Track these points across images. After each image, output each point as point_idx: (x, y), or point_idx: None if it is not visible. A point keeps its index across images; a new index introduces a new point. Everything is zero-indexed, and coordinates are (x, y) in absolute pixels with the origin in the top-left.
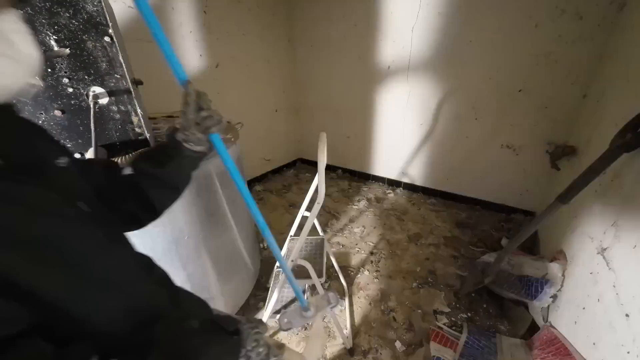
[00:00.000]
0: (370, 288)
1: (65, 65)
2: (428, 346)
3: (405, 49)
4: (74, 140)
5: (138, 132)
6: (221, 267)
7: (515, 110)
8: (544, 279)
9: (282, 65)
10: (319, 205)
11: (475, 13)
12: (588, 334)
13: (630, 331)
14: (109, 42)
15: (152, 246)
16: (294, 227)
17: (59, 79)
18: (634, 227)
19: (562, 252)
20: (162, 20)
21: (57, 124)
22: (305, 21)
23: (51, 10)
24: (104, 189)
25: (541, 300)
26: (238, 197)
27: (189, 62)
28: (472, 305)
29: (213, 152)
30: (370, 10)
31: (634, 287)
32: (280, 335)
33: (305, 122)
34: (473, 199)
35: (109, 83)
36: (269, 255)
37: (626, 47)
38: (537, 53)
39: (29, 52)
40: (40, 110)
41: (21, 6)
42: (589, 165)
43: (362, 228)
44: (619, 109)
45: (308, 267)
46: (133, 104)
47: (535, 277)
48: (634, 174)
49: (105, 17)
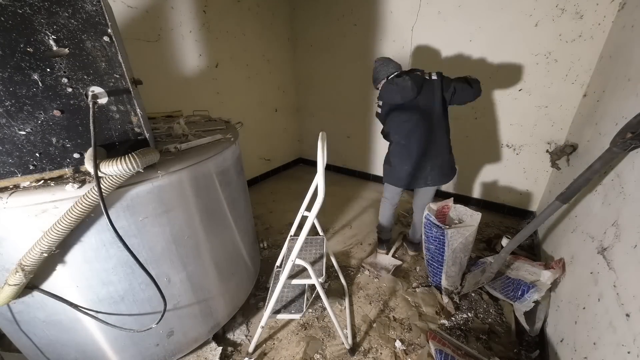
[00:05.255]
0: (370, 288)
1: (64, 65)
2: (428, 346)
3: (405, 48)
4: (73, 140)
5: (137, 132)
6: (221, 267)
7: (515, 110)
8: (532, 284)
9: (282, 64)
10: (319, 205)
11: (475, 12)
12: (588, 334)
13: (631, 331)
14: (108, 42)
15: (152, 246)
16: (294, 227)
17: (58, 79)
18: (635, 226)
19: (562, 260)
20: (161, 20)
21: (56, 123)
22: (305, 21)
23: (50, 9)
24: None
25: (522, 304)
26: (238, 197)
27: (189, 61)
28: (472, 305)
29: (213, 152)
30: (370, 10)
31: (634, 287)
32: (280, 335)
33: (305, 122)
34: (473, 198)
35: (108, 83)
36: (269, 255)
37: (626, 46)
38: (537, 52)
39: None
40: (39, 110)
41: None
42: (589, 164)
43: (362, 228)
44: (619, 109)
45: (308, 267)
46: (132, 103)
47: (525, 281)
48: (634, 173)
49: (105, 16)
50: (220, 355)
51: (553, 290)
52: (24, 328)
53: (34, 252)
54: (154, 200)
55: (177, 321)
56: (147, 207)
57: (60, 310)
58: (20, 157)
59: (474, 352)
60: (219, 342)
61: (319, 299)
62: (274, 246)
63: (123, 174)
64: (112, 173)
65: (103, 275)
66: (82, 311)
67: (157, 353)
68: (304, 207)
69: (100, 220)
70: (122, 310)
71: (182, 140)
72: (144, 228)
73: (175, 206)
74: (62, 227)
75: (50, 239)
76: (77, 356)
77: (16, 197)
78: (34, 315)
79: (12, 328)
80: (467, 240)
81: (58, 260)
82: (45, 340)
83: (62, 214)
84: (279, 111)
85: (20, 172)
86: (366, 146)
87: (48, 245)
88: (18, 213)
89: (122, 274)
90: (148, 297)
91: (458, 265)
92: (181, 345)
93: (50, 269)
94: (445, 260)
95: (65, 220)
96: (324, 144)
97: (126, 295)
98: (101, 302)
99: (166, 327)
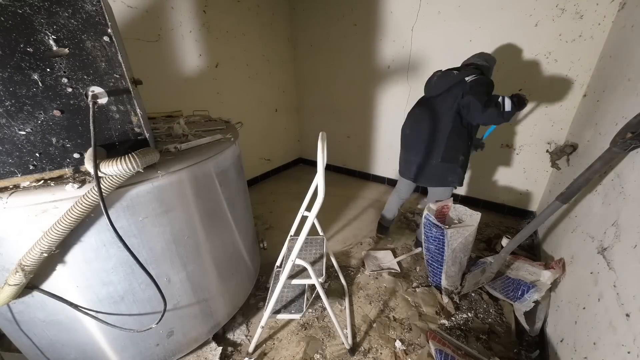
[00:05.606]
0: (370, 288)
1: (64, 65)
2: (428, 346)
3: (405, 48)
4: (73, 140)
5: (137, 132)
6: (221, 267)
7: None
8: (532, 284)
9: (282, 64)
10: (319, 205)
11: (475, 12)
12: (588, 334)
13: (631, 331)
14: (108, 42)
15: (152, 246)
16: (293, 227)
17: (57, 79)
18: (635, 226)
19: (561, 260)
20: (161, 20)
21: (56, 123)
22: (305, 21)
23: (50, 9)
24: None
25: (522, 304)
26: (238, 197)
27: (189, 61)
28: (472, 305)
29: (213, 152)
30: (370, 10)
31: (634, 287)
32: (280, 335)
33: (305, 122)
34: (473, 198)
35: (108, 83)
36: (269, 255)
37: (626, 46)
38: (537, 52)
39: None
40: (39, 110)
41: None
42: (589, 164)
43: (362, 228)
44: (619, 109)
45: (308, 267)
46: (132, 103)
47: (525, 281)
48: (634, 173)
49: (104, 16)
50: (220, 355)
51: (553, 290)
52: (24, 328)
53: (34, 252)
54: (154, 200)
55: (177, 321)
56: (147, 207)
57: (60, 310)
58: (20, 157)
59: (474, 352)
60: (219, 342)
61: (319, 299)
62: (274, 246)
63: (123, 174)
64: (112, 173)
65: (103, 275)
66: (82, 311)
67: (157, 353)
68: (304, 207)
69: (100, 220)
70: (122, 310)
71: (182, 140)
72: (144, 228)
73: (175, 206)
74: (62, 227)
75: (50, 239)
76: (77, 356)
77: (16, 197)
78: (34, 315)
79: (12, 328)
80: (467, 240)
81: (58, 260)
82: (45, 340)
83: (62, 214)
84: (279, 111)
85: (20, 172)
86: (366, 146)
87: (48, 245)
88: (18, 213)
89: (122, 274)
90: (148, 297)
91: (458, 265)
92: (181, 345)
93: (50, 269)
94: (445, 260)
95: (65, 221)
96: (324, 144)
97: (126, 295)
98: (101, 302)
99: (166, 327)
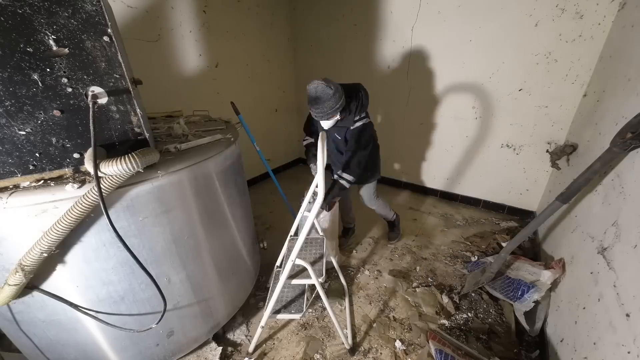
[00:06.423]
0: (370, 288)
1: (64, 65)
2: (428, 346)
3: (405, 48)
4: (73, 140)
5: (137, 132)
6: (221, 267)
7: (515, 110)
8: (532, 284)
9: (282, 64)
10: (319, 205)
11: (475, 12)
12: (588, 334)
13: (631, 331)
14: (107, 42)
15: (152, 246)
16: (294, 227)
17: (57, 79)
18: (635, 226)
19: (562, 260)
20: (161, 20)
21: (56, 123)
22: (305, 21)
23: (50, 9)
24: None
25: (522, 304)
26: (238, 197)
27: (189, 61)
28: (472, 305)
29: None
30: (370, 10)
31: (634, 287)
32: (280, 335)
33: None
34: (473, 198)
35: (108, 83)
36: (269, 255)
37: (626, 46)
38: (537, 52)
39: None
40: (39, 110)
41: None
42: (589, 164)
43: (362, 228)
44: (619, 109)
45: (308, 267)
46: (132, 103)
47: (525, 281)
48: (634, 173)
49: (104, 16)
50: (220, 355)
51: (553, 290)
52: (24, 328)
53: (34, 252)
54: (154, 200)
55: (177, 321)
56: (147, 207)
57: (60, 310)
58: (20, 157)
59: (474, 352)
60: (219, 342)
61: (319, 299)
62: (274, 246)
63: (123, 174)
64: (112, 173)
65: (103, 275)
66: (82, 311)
67: (157, 353)
68: (304, 207)
69: (100, 220)
70: (122, 310)
71: (182, 140)
72: (144, 228)
73: (175, 206)
74: (62, 227)
75: (50, 239)
76: (77, 356)
77: (16, 197)
78: (34, 315)
79: (12, 328)
80: None
81: (58, 260)
82: (45, 340)
83: (62, 214)
84: (279, 111)
85: (20, 172)
86: None
87: (48, 245)
88: (18, 213)
89: (122, 274)
90: (148, 297)
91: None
92: (181, 345)
93: (50, 269)
94: None
95: (65, 221)
96: (324, 144)
97: (126, 295)
98: (101, 302)
99: (166, 327)
